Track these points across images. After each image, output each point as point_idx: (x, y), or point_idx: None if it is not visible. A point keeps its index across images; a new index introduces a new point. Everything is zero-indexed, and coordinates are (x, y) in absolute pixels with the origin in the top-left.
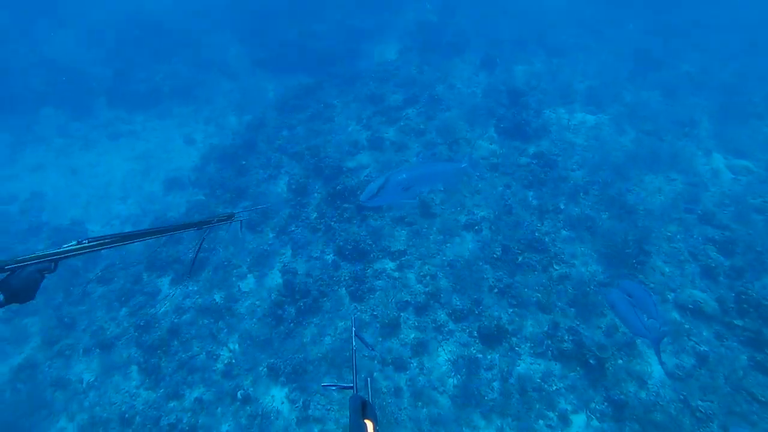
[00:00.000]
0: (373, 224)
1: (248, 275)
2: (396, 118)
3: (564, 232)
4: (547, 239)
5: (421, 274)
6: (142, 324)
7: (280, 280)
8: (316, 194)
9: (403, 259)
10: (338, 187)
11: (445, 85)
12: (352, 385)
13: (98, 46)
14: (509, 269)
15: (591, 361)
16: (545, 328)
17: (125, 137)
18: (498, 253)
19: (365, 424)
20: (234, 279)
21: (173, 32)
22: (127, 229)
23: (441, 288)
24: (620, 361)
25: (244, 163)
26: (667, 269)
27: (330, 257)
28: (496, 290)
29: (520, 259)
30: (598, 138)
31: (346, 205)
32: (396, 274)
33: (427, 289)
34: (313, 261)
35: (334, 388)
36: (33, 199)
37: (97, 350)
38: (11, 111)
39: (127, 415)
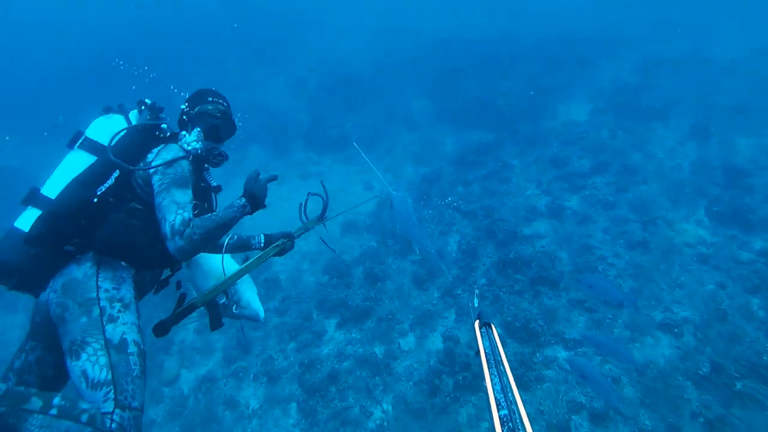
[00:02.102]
0: (548, 303)
1: (409, 333)
2: (581, 185)
3: None
4: None
5: (601, 372)
6: (306, 362)
7: (440, 346)
8: (486, 258)
9: (579, 350)
10: (511, 255)
11: (642, 153)
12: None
13: (301, 94)
14: (722, 396)
15: None
16: None
17: (313, 177)
18: (705, 370)
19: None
20: (395, 335)
21: (365, 86)
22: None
23: (624, 396)
24: None
25: (417, 215)
26: None
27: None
28: (701, 419)
29: (739, 386)
30: None
31: (518, 276)
32: (570, 367)
33: None
34: None
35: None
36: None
37: (264, 378)
38: (231, 146)
39: None
